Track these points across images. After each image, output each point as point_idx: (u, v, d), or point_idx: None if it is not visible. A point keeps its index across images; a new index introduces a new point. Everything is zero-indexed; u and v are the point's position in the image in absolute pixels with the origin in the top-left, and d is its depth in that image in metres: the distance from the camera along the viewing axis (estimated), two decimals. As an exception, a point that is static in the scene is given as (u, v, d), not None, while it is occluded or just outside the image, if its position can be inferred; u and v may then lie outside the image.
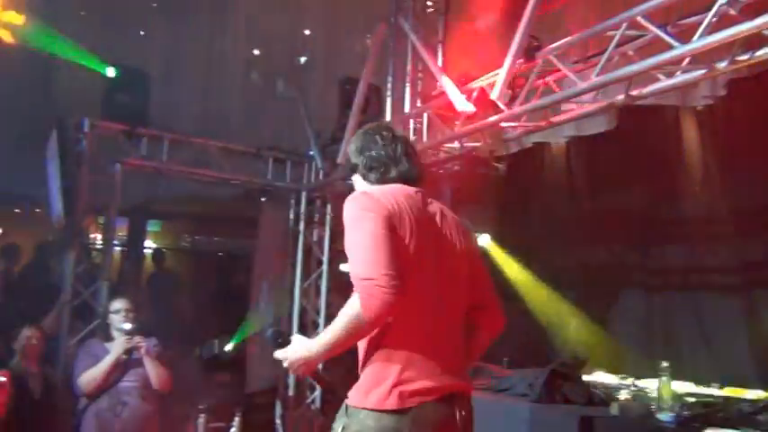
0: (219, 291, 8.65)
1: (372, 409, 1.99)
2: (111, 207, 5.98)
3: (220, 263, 10.05)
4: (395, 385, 1.99)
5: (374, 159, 2.36)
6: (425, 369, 2.04)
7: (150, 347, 4.51)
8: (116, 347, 4.41)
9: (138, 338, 4.46)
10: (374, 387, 2.02)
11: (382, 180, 2.32)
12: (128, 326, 4.46)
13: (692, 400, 3.65)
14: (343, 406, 2.09)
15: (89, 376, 4.33)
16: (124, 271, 8.40)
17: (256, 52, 6.16)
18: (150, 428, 4.50)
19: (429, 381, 2.02)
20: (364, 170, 2.37)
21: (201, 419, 4.57)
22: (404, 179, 2.32)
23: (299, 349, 2.17)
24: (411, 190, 2.26)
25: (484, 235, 5.56)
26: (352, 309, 1.99)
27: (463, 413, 2.09)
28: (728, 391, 3.81)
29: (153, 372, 4.47)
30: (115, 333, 4.51)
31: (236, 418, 4.58)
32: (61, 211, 5.51)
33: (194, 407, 4.82)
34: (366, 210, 2.08)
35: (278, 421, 6.51)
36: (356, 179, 2.42)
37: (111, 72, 5.91)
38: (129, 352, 4.42)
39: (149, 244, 9.88)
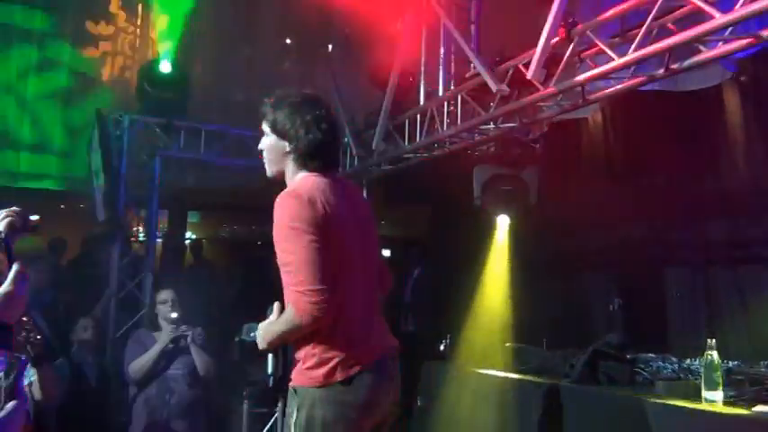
0: (258, 279, 8.71)
1: (322, 386, 2.24)
2: (152, 200, 6.10)
3: (259, 252, 10.13)
4: (339, 362, 2.24)
5: (319, 147, 2.35)
6: (359, 342, 2.29)
7: (195, 336, 4.61)
8: (163, 336, 4.52)
9: (183, 327, 4.56)
10: (320, 366, 2.25)
11: (317, 169, 2.36)
12: (174, 315, 4.56)
13: (740, 377, 3.58)
14: (291, 389, 2.33)
15: (138, 364, 4.45)
16: (165, 262, 8.57)
17: (288, 41, 6.18)
18: (197, 415, 4.61)
19: (363, 352, 2.28)
20: (304, 154, 2.35)
21: (245, 406, 4.66)
22: (336, 169, 2.45)
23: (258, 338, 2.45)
24: (332, 179, 2.37)
25: (504, 217, 5.50)
26: (291, 317, 2.21)
27: (393, 372, 2.37)
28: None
29: (199, 359, 4.56)
30: (162, 323, 4.62)
31: (279, 404, 4.64)
32: (104, 205, 5.65)
33: (238, 393, 4.91)
34: (298, 221, 2.19)
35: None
36: (278, 147, 2.40)
37: (165, 66, 5.97)
38: (175, 341, 4.53)
39: (189, 235, 10.05)
